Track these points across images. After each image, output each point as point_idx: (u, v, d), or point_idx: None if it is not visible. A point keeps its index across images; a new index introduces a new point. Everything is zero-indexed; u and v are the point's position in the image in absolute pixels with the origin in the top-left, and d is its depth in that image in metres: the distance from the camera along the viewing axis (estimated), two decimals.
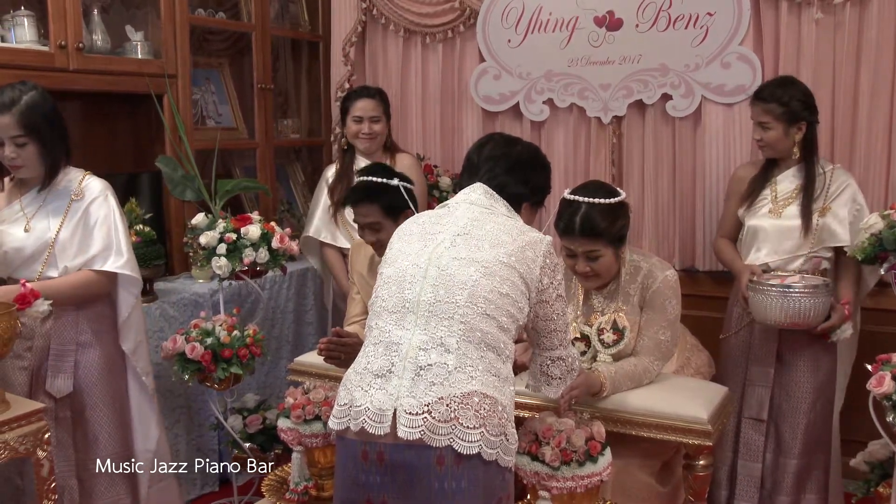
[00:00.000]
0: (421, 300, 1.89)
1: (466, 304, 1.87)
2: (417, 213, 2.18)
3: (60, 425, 2.68)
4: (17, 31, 3.18)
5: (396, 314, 1.91)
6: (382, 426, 1.80)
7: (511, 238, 1.98)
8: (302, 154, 4.83)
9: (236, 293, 3.67)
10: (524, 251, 1.97)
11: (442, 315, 1.87)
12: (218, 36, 4.32)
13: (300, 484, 2.59)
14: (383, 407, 1.81)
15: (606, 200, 2.46)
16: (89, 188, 2.71)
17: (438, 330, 1.86)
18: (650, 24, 3.63)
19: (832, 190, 2.94)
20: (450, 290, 1.88)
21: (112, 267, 2.69)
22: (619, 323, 2.54)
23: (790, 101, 2.92)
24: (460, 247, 1.95)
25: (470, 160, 2.19)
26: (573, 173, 3.93)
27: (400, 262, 1.98)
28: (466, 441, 1.77)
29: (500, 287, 1.91)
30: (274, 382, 3.92)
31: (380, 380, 1.85)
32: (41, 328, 2.64)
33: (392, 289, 1.95)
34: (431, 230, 2.03)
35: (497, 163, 2.13)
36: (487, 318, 1.88)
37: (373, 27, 4.35)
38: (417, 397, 1.80)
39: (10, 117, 2.51)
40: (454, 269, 1.91)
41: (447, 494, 1.77)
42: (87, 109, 3.62)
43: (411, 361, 1.84)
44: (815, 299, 2.73)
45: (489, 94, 4.04)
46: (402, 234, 2.09)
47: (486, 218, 2.02)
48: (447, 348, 1.84)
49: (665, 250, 3.76)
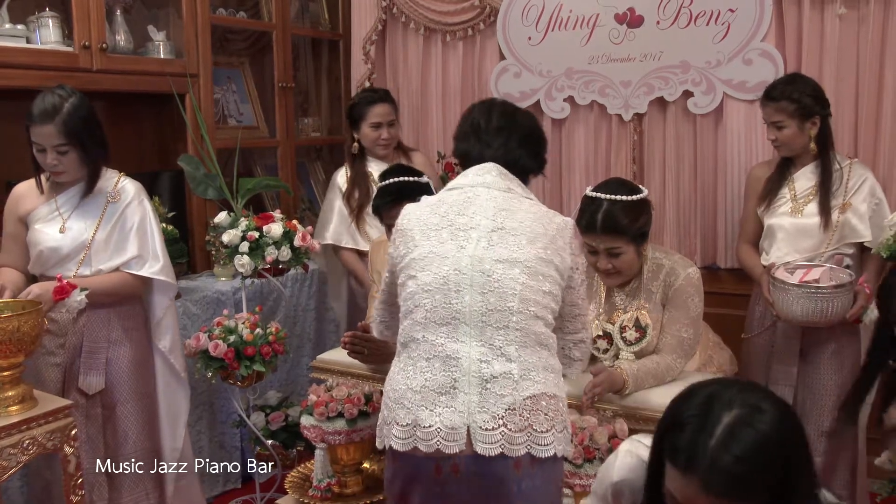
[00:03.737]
0: (472, 310, 1.85)
1: (519, 311, 1.85)
2: (427, 198, 2.08)
3: (92, 422, 2.71)
4: (41, 32, 3.21)
5: (448, 326, 1.86)
6: (458, 444, 1.79)
7: (543, 228, 1.95)
8: (323, 152, 4.84)
9: (258, 291, 3.69)
10: (555, 240, 1.95)
11: (497, 324, 1.84)
12: (239, 35, 4.34)
13: (323, 481, 2.61)
14: (455, 425, 1.80)
15: (629, 197, 2.45)
16: (125, 190, 2.74)
17: (495, 339, 1.84)
18: (671, 20, 3.61)
19: (851, 184, 2.92)
20: (501, 297, 1.85)
21: (148, 272, 2.72)
22: (642, 321, 2.54)
23: (801, 96, 2.89)
24: (498, 246, 1.90)
25: (477, 126, 2.11)
26: (594, 170, 3.92)
27: (437, 268, 1.90)
28: (542, 445, 1.81)
29: (542, 286, 1.90)
30: (296, 379, 3.95)
31: (445, 397, 1.82)
32: (73, 326, 2.67)
33: (437, 298, 1.88)
34: (459, 224, 1.95)
35: (510, 136, 2.08)
36: (537, 319, 1.88)
37: (393, 25, 4.36)
38: (490, 411, 1.80)
39: (52, 126, 2.52)
40: (499, 273, 1.87)
41: (524, 494, 1.82)
42: (111, 109, 3.65)
43: (475, 375, 1.82)
44: (842, 298, 2.71)
45: (510, 92, 4.04)
46: (423, 226, 1.98)
47: (511, 205, 1.98)
48: (508, 357, 1.83)
49: (686, 248, 3.74)
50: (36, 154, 2.59)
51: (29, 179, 2.73)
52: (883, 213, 2.89)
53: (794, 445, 1.29)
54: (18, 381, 2.26)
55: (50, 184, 2.71)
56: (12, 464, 2.18)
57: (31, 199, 2.71)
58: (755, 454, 1.25)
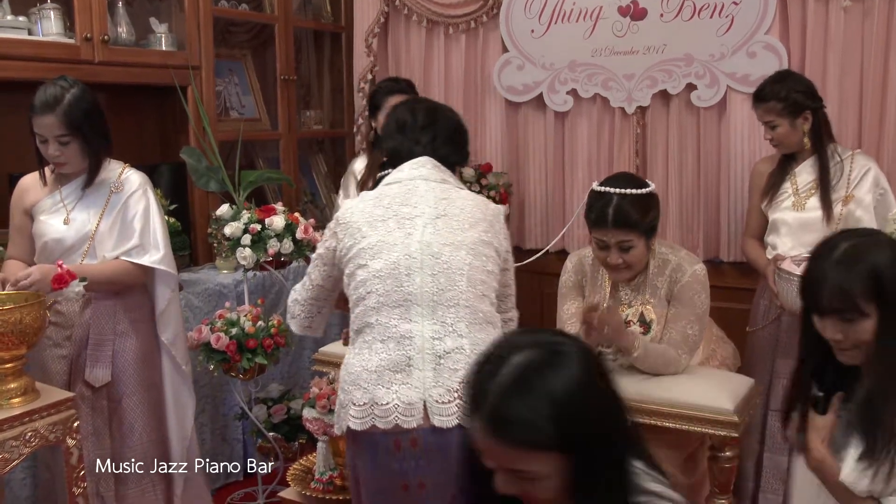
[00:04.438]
0: (424, 291, 1.94)
1: (467, 290, 1.96)
2: (366, 193, 2.18)
3: (98, 414, 2.71)
4: (43, 24, 3.21)
5: (401, 308, 1.93)
6: (415, 419, 1.85)
7: (482, 213, 2.09)
8: (325, 145, 4.84)
9: (260, 284, 3.69)
10: (493, 224, 2.10)
11: (448, 303, 1.93)
12: (241, 28, 4.34)
13: (325, 473, 2.62)
14: (412, 401, 1.85)
15: (638, 191, 2.44)
16: (129, 181, 2.74)
17: (447, 317, 1.92)
18: (675, 13, 3.60)
19: (854, 176, 2.90)
20: (450, 278, 1.95)
21: (148, 262, 2.71)
22: (647, 315, 2.53)
23: (789, 94, 2.89)
24: (443, 231, 2.00)
25: (403, 124, 2.22)
26: (597, 164, 3.91)
27: (388, 254, 1.98)
28: None
29: (486, 266, 2.02)
30: (298, 372, 3.94)
31: (400, 375, 1.88)
32: (80, 318, 2.67)
33: (389, 283, 1.95)
34: (404, 213, 2.04)
35: (436, 132, 2.20)
36: (483, 297, 1.99)
37: (395, 18, 4.34)
38: (444, 385, 1.86)
39: (53, 117, 2.51)
40: (447, 255, 1.97)
41: None
42: (112, 101, 3.64)
43: (429, 352, 1.89)
44: None
45: (512, 85, 4.03)
46: (369, 217, 2.05)
47: (449, 194, 2.10)
48: (459, 333, 1.92)
49: (690, 241, 3.73)
50: (39, 145, 2.59)
51: (34, 172, 2.73)
52: (888, 203, 2.88)
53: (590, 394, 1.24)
54: (21, 374, 2.25)
55: (54, 175, 2.71)
56: (14, 456, 2.18)
57: (36, 192, 2.71)
58: None
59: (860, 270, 1.58)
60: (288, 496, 2.86)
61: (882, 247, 1.62)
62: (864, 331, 1.61)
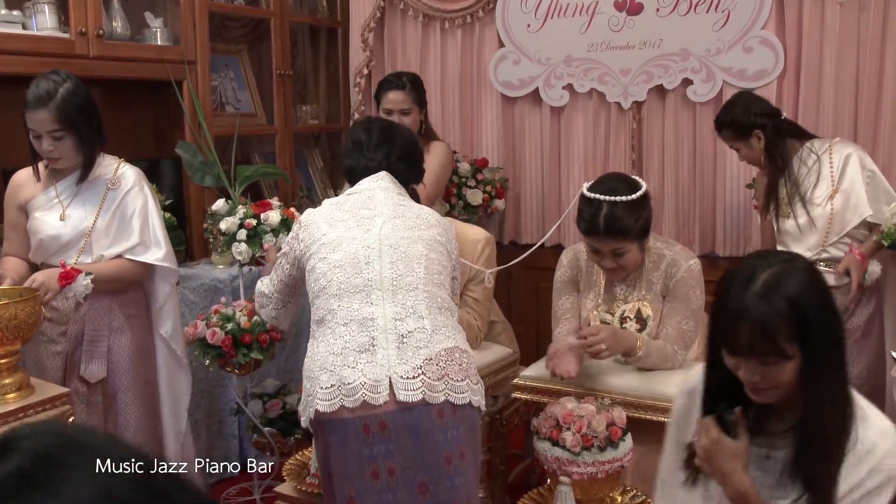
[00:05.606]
0: (383, 276, 2.01)
1: (425, 277, 2.04)
2: (328, 200, 2.26)
3: (93, 410, 2.70)
4: (38, 19, 3.19)
5: (362, 293, 1.99)
6: (382, 395, 1.88)
7: (436, 220, 2.20)
8: (321, 140, 4.83)
9: (256, 279, 3.67)
10: (447, 231, 2.21)
11: (407, 287, 2.00)
12: (237, 22, 4.32)
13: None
14: (378, 378, 1.89)
15: (629, 197, 2.41)
16: (125, 177, 2.72)
17: (407, 300, 1.99)
18: (671, 8, 3.60)
19: (836, 166, 2.90)
20: (408, 265, 2.03)
21: (151, 259, 2.71)
22: (644, 312, 2.53)
23: (734, 119, 2.96)
24: (401, 228, 2.10)
25: (359, 142, 2.29)
26: (592, 159, 3.92)
27: (347, 246, 2.06)
28: (458, 393, 1.93)
29: (441, 260, 2.12)
30: (294, 367, 3.94)
31: (365, 354, 1.93)
32: (75, 314, 2.66)
33: (349, 271, 2.02)
34: (363, 215, 2.12)
35: (391, 150, 2.27)
36: (440, 286, 2.07)
37: (391, 13, 4.34)
38: (409, 363, 1.91)
39: (46, 112, 2.48)
40: (405, 246, 2.06)
41: (449, 442, 1.93)
42: (108, 96, 3.63)
43: (392, 332, 1.95)
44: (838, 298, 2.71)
45: (508, 80, 4.03)
46: (329, 218, 2.14)
47: (406, 203, 2.21)
48: (420, 315, 1.98)
49: (685, 236, 3.74)
50: (32, 140, 2.57)
51: (27, 167, 2.71)
52: (878, 183, 2.87)
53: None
54: (15, 369, 2.25)
55: (49, 171, 2.69)
56: None
57: (30, 188, 2.69)
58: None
59: (781, 307, 1.43)
60: (283, 491, 2.86)
61: (799, 275, 1.47)
62: (784, 372, 1.46)
